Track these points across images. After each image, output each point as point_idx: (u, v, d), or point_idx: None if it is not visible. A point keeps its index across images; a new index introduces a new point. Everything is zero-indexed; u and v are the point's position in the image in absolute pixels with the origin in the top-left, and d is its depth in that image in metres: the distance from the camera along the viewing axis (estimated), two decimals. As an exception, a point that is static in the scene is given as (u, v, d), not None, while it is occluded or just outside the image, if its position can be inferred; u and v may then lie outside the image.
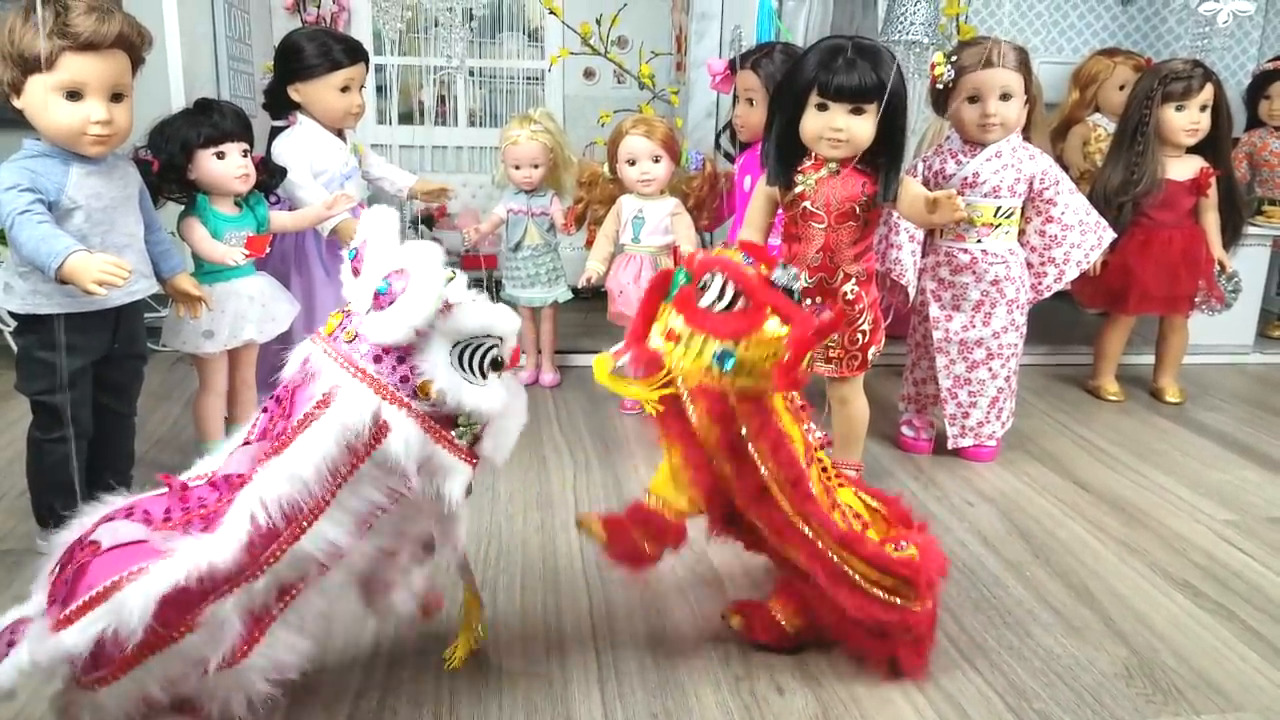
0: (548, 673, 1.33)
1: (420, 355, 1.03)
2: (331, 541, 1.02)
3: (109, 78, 1.46)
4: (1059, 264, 2.15)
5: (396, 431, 1.02)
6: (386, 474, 1.04)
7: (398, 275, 1.01)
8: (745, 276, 1.19)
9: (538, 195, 2.58)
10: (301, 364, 1.05)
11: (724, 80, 2.42)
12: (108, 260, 1.40)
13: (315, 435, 0.99)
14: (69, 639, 0.94)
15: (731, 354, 1.18)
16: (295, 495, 0.98)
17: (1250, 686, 1.36)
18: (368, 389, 1.01)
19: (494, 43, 3.87)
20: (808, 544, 1.27)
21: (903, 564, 1.28)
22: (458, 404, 1.05)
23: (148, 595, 0.94)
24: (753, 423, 1.23)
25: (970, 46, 2.07)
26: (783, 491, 1.25)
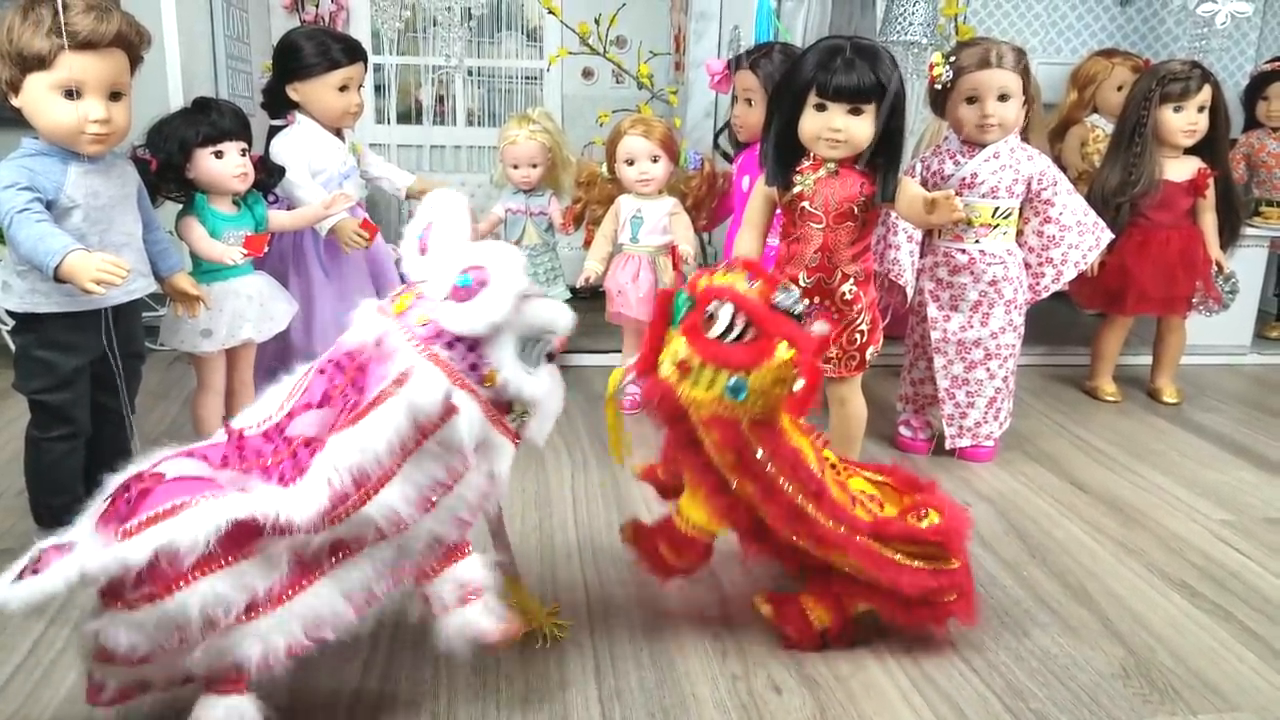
0: (545, 671, 1.33)
1: (489, 346, 1.10)
2: (394, 509, 1.07)
3: (107, 76, 1.46)
4: (1057, 264, 2.15)
5: (464, 414, 1.09)
6: (447, 452, 1.10)
7: (479, 271, 1.08)
8: (755, 308, 1.22)
9: (536, 195, 2.58)
10: (376, 341, 1.09)
11: (722, 80, 2.42)
12: (106, 259, 1.40)
13: (389, 412, 1.04)
14: (129, 549, 0.98)
15: (745, 384, 1.22)
16: (366, 465, 1.04)
17: (1247, 686, 1.36)
18: (441, 373, 1.07)
19: (492, 42, 3.87)
20: (851, 543, 1.30)
21: (932, 532, 1.33)
22: (518, 393, 1.13)
23: (217, 517, 0.99)
24: (767, 445, 1.27)
25: (969, 47, 2.07)
26: (810, 503, 1.29)
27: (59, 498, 1.59)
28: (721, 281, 1.25)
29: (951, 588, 1.34)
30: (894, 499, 1.44)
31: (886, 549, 1.32)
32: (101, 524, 1.02)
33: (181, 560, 0.98)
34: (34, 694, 1.26)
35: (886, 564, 1.32)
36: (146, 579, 0.99)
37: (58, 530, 1.61)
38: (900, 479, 1.47)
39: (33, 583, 0.98)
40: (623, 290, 2.37)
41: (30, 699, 1.25)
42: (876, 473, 1.49)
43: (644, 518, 1.78)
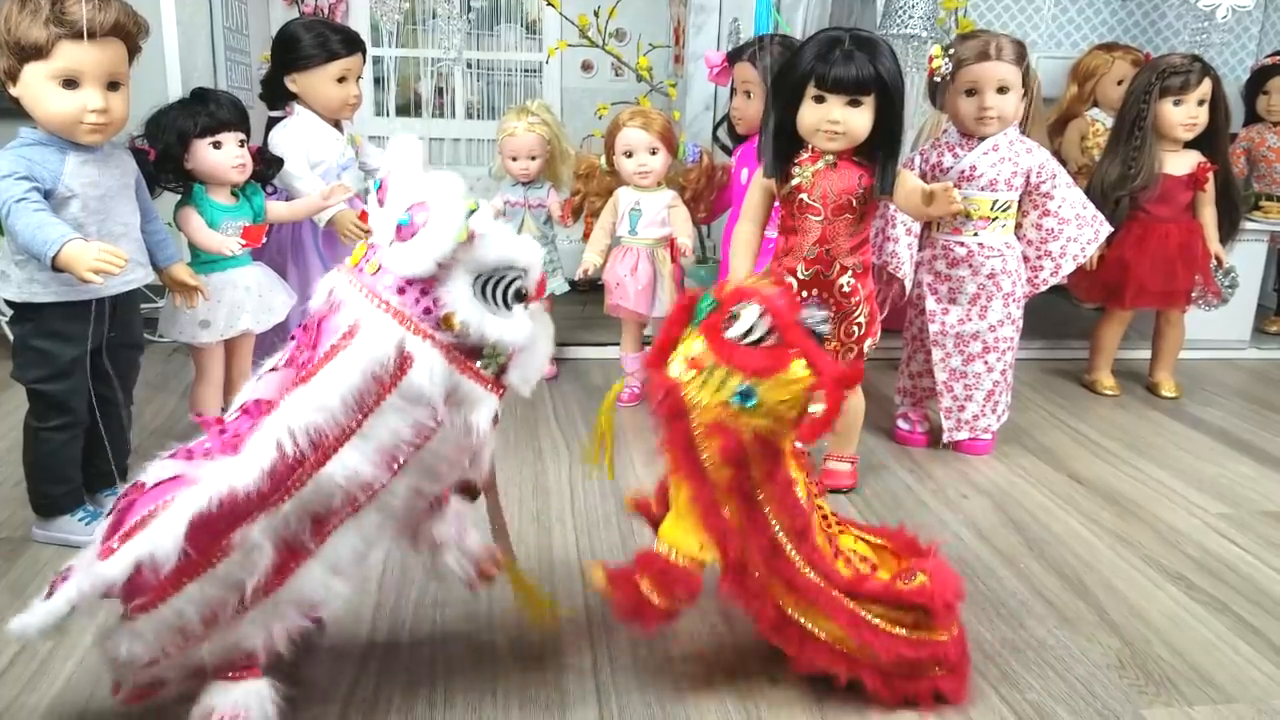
0: (542, 662, 1.33)
1: (443, 287, 1.03)
2: (355, 470, 1.03)
3: (105, 66, 1.46)
4: (1055, 258, 2.15)
5: (420, 363, 1.02)
6: (412, 405, 1.04)
7: (419, 208, 1.01)
8: (782, 313, 1.15)
9: (535, 187, 2.58)
10: (327, 294, 1.06)
11: (721, 73, 2.42)
12: (104, 248, 1.40)
13: (340, 366, 1.01)
14: (108, 567, 0.99)
15: (754, 392, 1.14)
16: (320, 423, 1.00)
17: (1243, 679, 1.37)
18: (392, 320, 1.02)
19: (492, 35, 3.86)
20: (824, 596, 1.22)
21: (914, 594, 1.23)
22: (481, 335, 1.05)
23: (177, 521, 0.99)
24: (764, 465, 1.19)
25: (968, 40, 2.07)
26: (790, 541, 1.21)
27: (57, 487, 1.60)
28: (753, 285, 1.19)
29: (936, 661, 1.25)
30: (890, 564, 1.34)
31: (863, 609, 1.23)
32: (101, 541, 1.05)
33: (160, 569, 0.99)
34: (31, 682, 1.26)
35: (861, 624, 1.22)
36: (136, 591, 1.01)
37: (52, 520, 1.62)
38: (900, 543, 1.37)
39: (42, 609, 1.03)
40: (621, 282, 2.37)
41: (28, 688, 1.25)
42: (876, 535, 1.39)
43: (641, 510, 1.79)
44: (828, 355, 1.19)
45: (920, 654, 1.23)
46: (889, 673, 1.24)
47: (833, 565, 1.24)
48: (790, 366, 1.15)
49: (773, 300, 1.17)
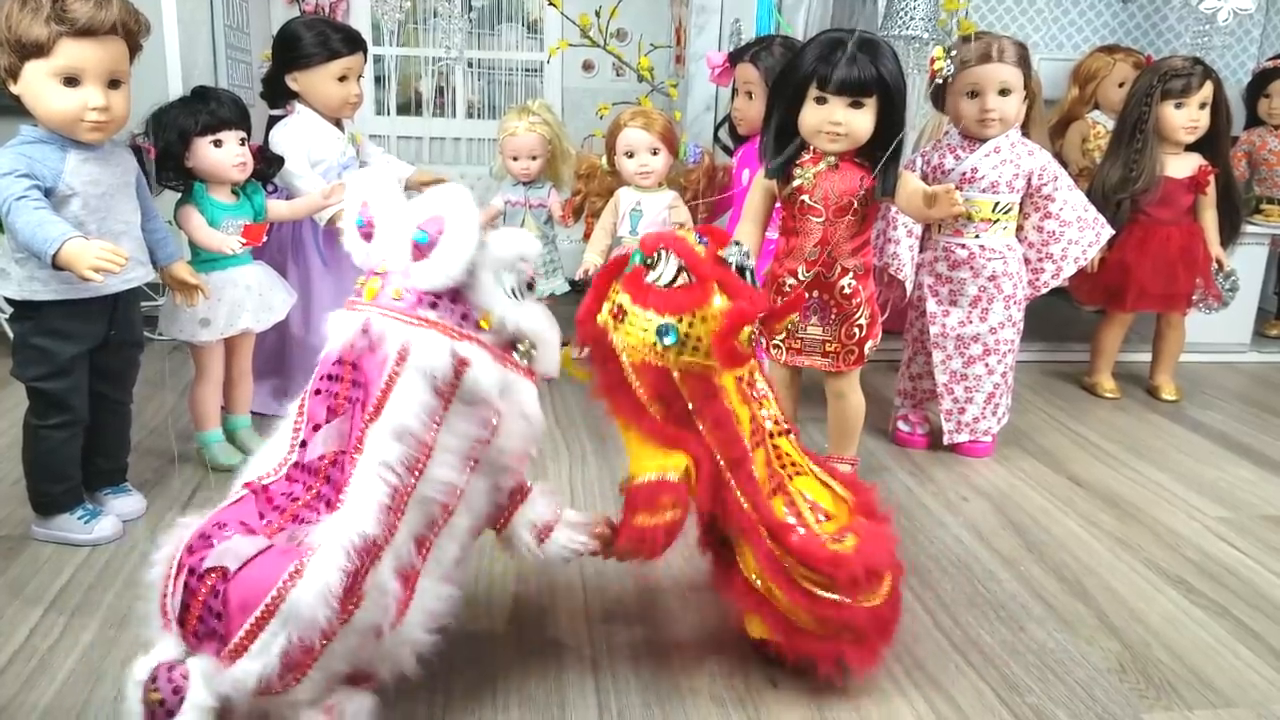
0: (542, 660, 1.33)
1: (471, 291, 1.10)
2: (445, 481, 1.08)
3: (106, 64, 1.46)
4: (1057, 260, 2.15)
5: (476, 363, 1.08)
6: (473, 405, 1.09)
7: (432, 221, 1.06)
8: (690, 252, 1.20)
9: (535, 187, 2.58)
10: (362, 331, 1.08)
11: (723, 73, 2.42)
12: (104, 247, 1.39)
13: (406, 390, 1.04)
14: (252, 664, 0.96)
15: (674, 328, 1.19)
16: (407, 449, 1.03)
17: (1242, 683, 1.36)
18: (438, 333, 1.07)
19: (493, 34, 3.86)
20: (754, 530, 1.24)
21: (829, 559, 1.22)
22: (516, 327, 1.13)
23: (318, 593, 0.97)
24: (697, 399, 1.23)
25: (970, 42, 2.07)
26: (728, 470, 1.24)
27: (57, 485, 1.59)
28: (666, 233, 1.25)
29: (844, 625, 1.23)
30: (845, 518, 1.32)
31: (783, 558, 1.24)
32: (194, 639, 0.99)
33: (310, 644, 0.98)
34: (31, 680, 1.26)
35: (776, 567, 1.24)
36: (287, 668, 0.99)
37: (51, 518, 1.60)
38: (861, 500, 1.35)
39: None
40: (622, 283, 2.37)
41: (27, 685, 1.25)
42: (845, 485, 1.37)
43: (642, 510, 1.79)
44: (747, 285, 1.22)
45: (826, 613, 1.22)
46: (791, 625, 1.25)
47: (766, 500, 1.25)
48: (710, 300, 1.19)
49: (680, 243, 1.22)
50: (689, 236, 1.25)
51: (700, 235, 1.26)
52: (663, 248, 1.21)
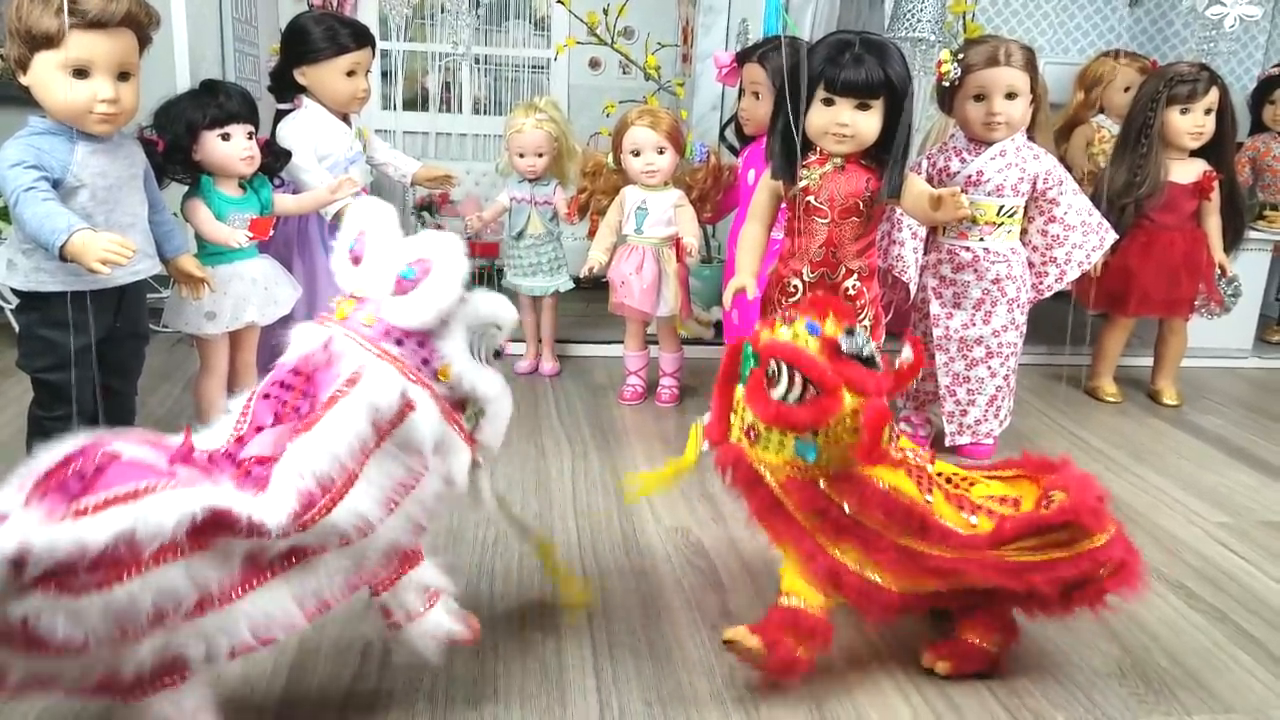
0: (543, 660, 1.34)
1: (440, 340, 1.09)
2: (361, 514, 1.04)
3: (116, 56, 1.46)
4: (1060, 264, 2.15)
5: (421, 410, 1.06)
6: (404, 452, 1.07)
7: (421, 262, 1.06)
8: (813, 365, 1.15)
9: (541, 184, 2.58)
10: (323, 346, 1.07)
11: (730, 73, 2.42)
12: (112, 239, 1.40)
13: (345, 412, 1.02)
14: (88, 529, 0.89)
15: (813, 445, 1.18)
16: (328, 468, 1.01)
17: (1241, 688, 1.37)
18: (394, 369, 1.06)
19: (500, 31, 3.86)
20: (971, 565, 1.22)
21: (1057, 513, 1.21)
22: (471, 387, 1.11)
23: (191, 505, 0.93)
24: (852, 500, 1.21)
25: (977, 45, 2.07)
26: (917, 540, 1.22)
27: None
28: (782, 337, 1.19)
29: (1100, 565, 1.22)
30: (1030, 491, 1.32)
31: (1012, 553, 1.22)
32: (39, 496, 0.91)
33: (140, 547, 0.91)
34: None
35: (1015, 569, 1.21)
36: (97, 564, 0.90)
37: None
38: (1032, 465, 1.35)
39: None
40: (626, 281, 2.37)
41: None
42: (1007, 469, 1.37)
43: (646, 516, 1.80)
44: (870, 374, 1.18)
45: (1081, 568, 1.22)
46: (1054, 597, 1.24)
47: (969, 532, 1.23)
48: (841, 404, 1.16)
49: (798, 355, 1.16)
50: (800, 332, 1.18)
51: (809, 323, 1.19)
52: (780, 360, 1.17)
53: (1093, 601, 1.25)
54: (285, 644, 1.31)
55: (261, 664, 1.28)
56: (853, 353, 1.17)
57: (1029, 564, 1.22)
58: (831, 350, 1.17)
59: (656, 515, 1.81)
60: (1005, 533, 1.22)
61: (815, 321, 1.20)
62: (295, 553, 1.04)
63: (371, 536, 1.07)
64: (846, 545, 1.24)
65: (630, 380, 2.49)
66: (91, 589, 0.91)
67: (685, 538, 1.72)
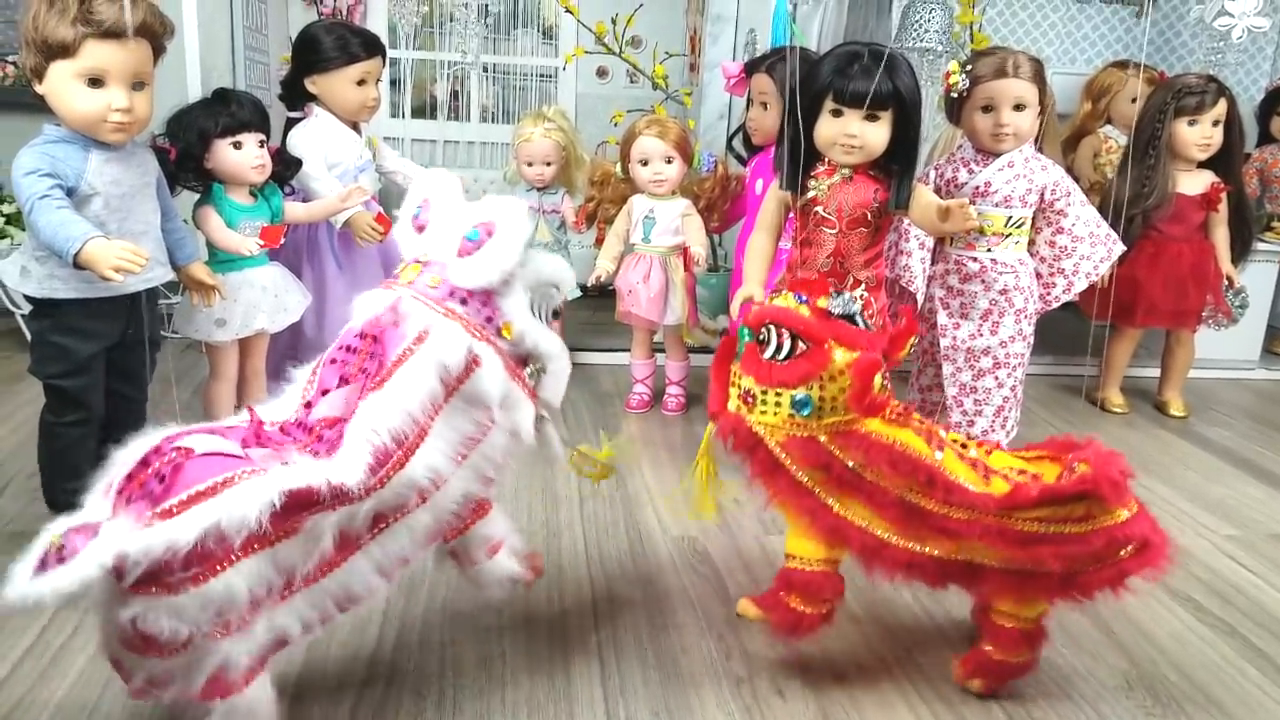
0: (550, 668, 1.34)
1: (502, 299, 1.13)
2: (434, 468, 1.08)
3: (131, 66, 1.47)
4: (1068, 275, 2.15)
5: (487, 366, 1.11)
6: (472, 406, 1.12)
7: (485, 224, 1.11)
8: (797, 319, 1.20)
9: (549, 193, 2.59)
10: (390, 309, 1.10)
11: (738, 83, 2.43)
12: (125, 247, 1.41)
13: (414, 369, 1.06)
14: (176, 530, 0.91)
15: (808, 399, 1.20)
16: (401, 424, 1.04)
17: (1249, 702, 1.37)
18: (460, 327, 1.10)
19: (509, 39, 3.88)
20: (976, 527, 1.19)
21: (1075, 483, 1.16)
22: (534, 344, 1.17)
23: (270, 492, 0.95)
24: (856, 454, 1.22)
25: (985, 56, 2.07)
26: (923, 496, 1.21)
27: (71, 483, 1.59)
28: (769, 305, 1.24)
29: (1118, 544, 1.18)
30: (1053, 470, 1.26)
31: (1025, 521, 1.18)
32: (125, 502, 0.94)
33: (230, 539, 0.93)
34: (44, 677, 1.27)
35: (1022, 539, 1.18)
36: (191, 560, 0.93)
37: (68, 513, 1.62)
38: (1057, 445, 1.30)
39: (65, 571, 0.88)
40: (633, 290, 2.38)
41: (40, 681, 1.26)
42: (1031, 450, 1.32)
43: (653, 525, 1.80)
44: (863, 332, 1.21)
45: (1096, 544, 1.17)
46: (1069, 575, 1.20)
47: (981, 491, 1.20)
48: (831, 359, 1.19)
49: (784, 314, 1.21)
50: (788, 300, 1.24)
51: (796, 294, 1.25)
52: (769, 323, 1.22)
53: (1113, 584, 1.21)
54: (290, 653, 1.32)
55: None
56: (841, 313, 1.22)
57: (1038, 534, 1.18)
58: (820, 314, 1.22)
59: (663, 524, 1.81)
60: (1021, 497, 1.18)
61: (803, 294, 1.25)
62: (380, 518, 1.08)
63: (444, 489, 1.12)
64: (850, 500, 1.24)
65: (637, 389, 2.50)
66: (189, 584, 0.94)
67: (691, 547, 1.73)
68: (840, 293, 1.24)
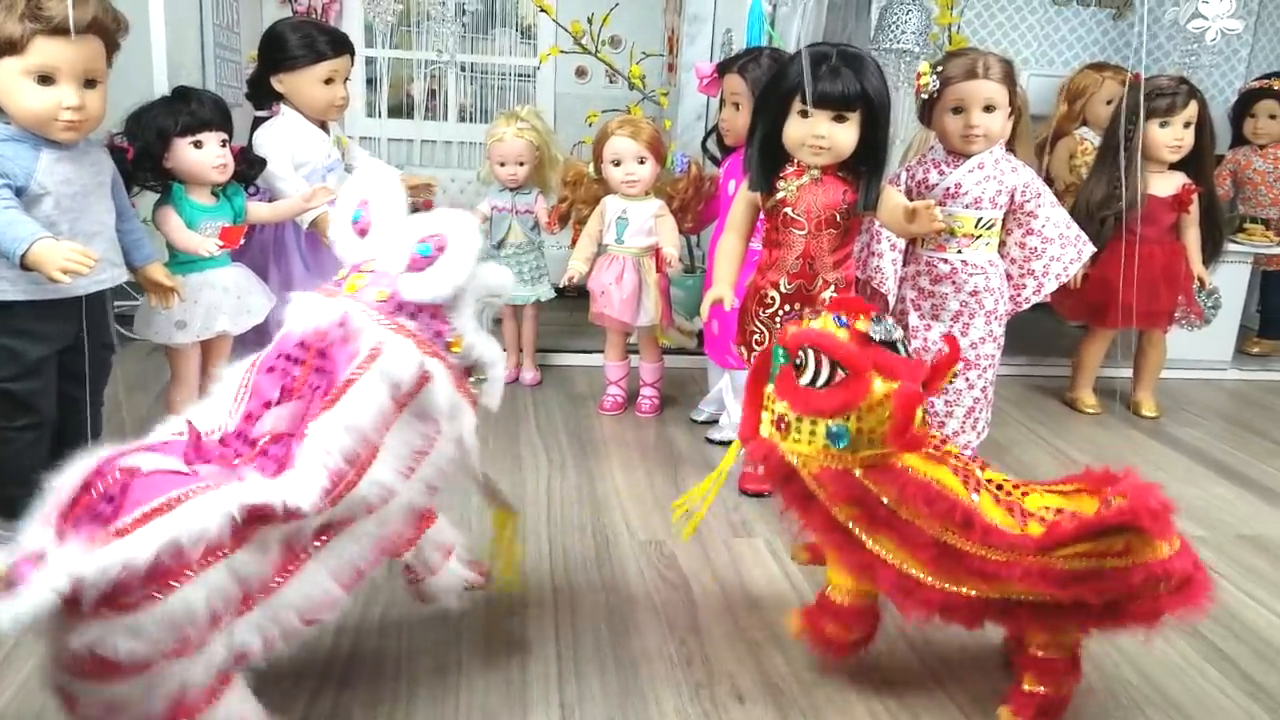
0: (508, 675, 1.32)
1: (452, 312, 1.14)
2: (384, 484, 1.08)
3: (81, 63, 1.45)
4: (1038, 276, 2.15)
5: (437, 381, 1.11)
6: (420, 420, 1.12)
7: (436, 238, 1.11)
8: (838, 345, 1.15)
9: (522, 193, 2.57)
10: (338, 323, 1.09)
11: (711, 83, 2.41)
12: (73, 248, 1.39)
13: (367, 388, 1.05)
14: (132, 548, 0.89)
15: (845, 430, 1.16)
16: (354, 446, 1.04)
17: (1207, 703, 1.36)
18: (412, 344, 1.09)
19: (486, 38, 3.86)
20: (1015, 570, 1.15)
21: (1114, 514, 1.11)
22: (480, 356, 1.18)
23: (219, 509, 0.94)
24: (891, 491, 1.18)
25: (956, 57, 2.07)
26: (959, 537, 1.17)
27: (21, 489, 1.57)
28: (807, 327, 1.20)
29: (1155, 580, 1.12)
30: (1089, 504, 1.22)
31: (1063, 559, 1.14)
32: (72, 527, 0.92)
33: (187, 554, 0.92)
34: (-11, 686, 1.24)
35: (1061, 578, 1.14)
36: (149, 577, 0.91)
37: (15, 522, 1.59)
38: (1093, 478, 1.25)
39: (21, 599, 0.85)
40: (606, 291, 2.36)
41: (-15, 691, 1.23)
42: (1067, 484, 1.28)
43: (620, 528, 1.79)
44: (905, 361, 1.17)
45: (1135, 580, 1.12)
46: (1104, 611, 1.16)
47: (1019, 534, 1.16)
48: (871, 389, 1.15)
49: (825, 339, 1.16)
50: (827, 322, 1.19)
51: (835, 315, 1.20)
52: (807, 346, 1.17)
53: (1149, 620, 1.16)
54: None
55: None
56: (883, 339, 1.17)
57: (1077, 572, 1.13)
58: (861, 339, 1.17)
59: (631, 528, 1.79)
60: (1059, 534, 1.13)
61: (844, 316, 1.20)
62: (327, 529, 1.07)
63: (393, 501, 1.11)
64: (883, 538, 1.20)
65: (610, 390, 2.48)
66: (146, 602, 0.92)
67: (659, 551, 1.71)
68: (880, 318, 1.18)
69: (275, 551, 1.03)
